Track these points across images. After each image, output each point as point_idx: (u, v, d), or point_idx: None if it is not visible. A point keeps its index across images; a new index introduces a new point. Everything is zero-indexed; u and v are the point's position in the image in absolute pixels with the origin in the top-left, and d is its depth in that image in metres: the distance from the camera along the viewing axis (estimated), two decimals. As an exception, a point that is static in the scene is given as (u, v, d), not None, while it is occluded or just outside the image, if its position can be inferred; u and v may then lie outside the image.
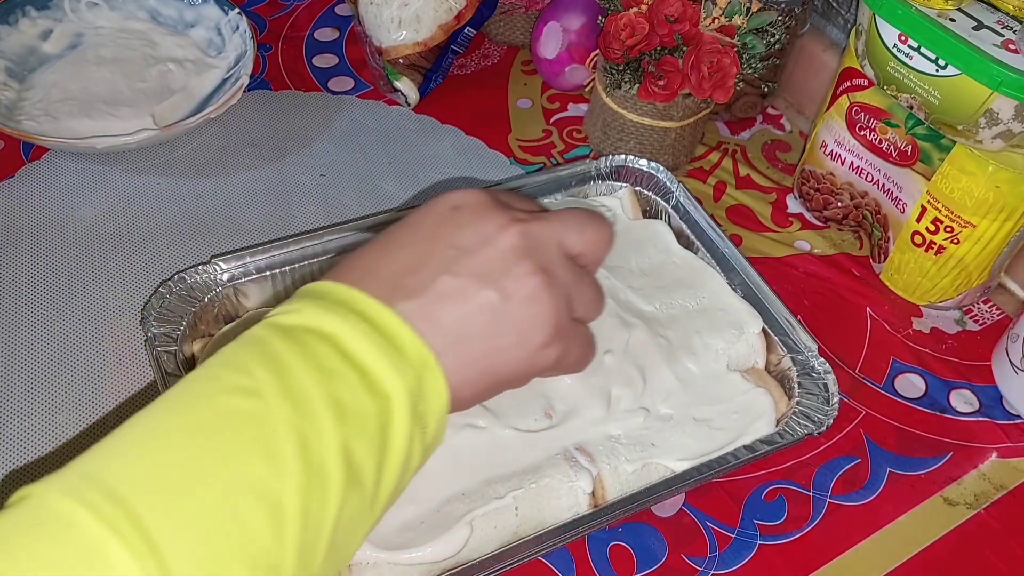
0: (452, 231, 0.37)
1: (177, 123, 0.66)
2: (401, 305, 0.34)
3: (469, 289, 0.35)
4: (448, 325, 0.35)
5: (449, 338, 0.35)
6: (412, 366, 0.33)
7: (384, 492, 0.33)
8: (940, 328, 0.65)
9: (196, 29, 0.76)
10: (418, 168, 0.71)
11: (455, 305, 0.35)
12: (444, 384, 0.34)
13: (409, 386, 0.33)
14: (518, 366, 0.37)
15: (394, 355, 0.33)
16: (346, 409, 0.31)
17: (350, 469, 0.31)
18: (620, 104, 0.69)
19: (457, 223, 0.37)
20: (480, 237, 0.36)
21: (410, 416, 0.33)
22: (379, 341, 0.33)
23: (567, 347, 0.38)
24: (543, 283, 0.36)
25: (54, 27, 0.73)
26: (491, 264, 0.36)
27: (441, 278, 0.35)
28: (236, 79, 0.70)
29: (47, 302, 0.59)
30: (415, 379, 0.33)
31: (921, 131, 0.60)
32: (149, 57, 0.74)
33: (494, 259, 0.36)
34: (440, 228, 0.37)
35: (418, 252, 0.36)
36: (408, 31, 0.73)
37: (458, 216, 0.37)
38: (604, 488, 0.49)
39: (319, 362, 0.32)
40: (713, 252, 0.61)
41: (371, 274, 0.36)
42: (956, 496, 0.55)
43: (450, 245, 0.36)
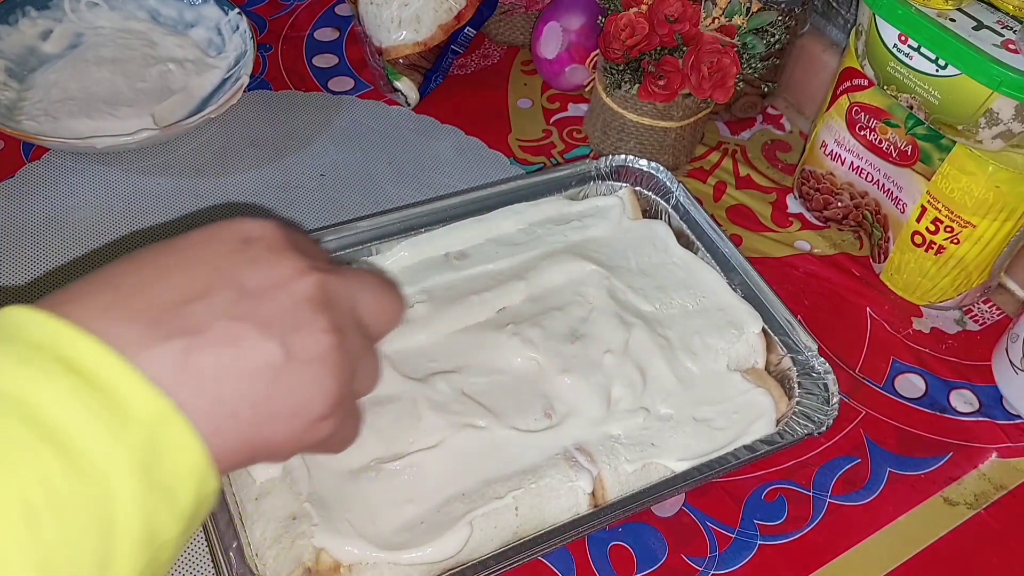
0: (240, 266, 0.31)
1: (177, 123, 0.66)
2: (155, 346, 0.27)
3: (249, 339, 0.29)
4: (213, 379, 0.28)
5: (211, 395, 0.28)
6: (140, 425, 0.26)
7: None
8: (940, 328, 0.65)
9: (196, 29, 0.76)
10: (418, 168, 0.71)
11: (228, 356, 0.29)
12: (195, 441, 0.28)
13: (135, 454, 0.26)
14: (287, 438, 0.31)
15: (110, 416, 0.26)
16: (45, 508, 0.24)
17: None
18: (620, 104, 0.69)
19: (248, 257, 0.31)
20: (274, 279, 0.31)
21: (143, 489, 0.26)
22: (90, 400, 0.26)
23: (343, 422, 0.33)
24: (336, 344, 0.31)
25: (54, 27, 0.73)
26: (281, 312, 0.30)
27: (218, 321, 0.29)
28: (236, 79, 0.70)
29: (47, 302, 0.59)
30: (144, 442, 0.26)
31: (921, 131, 0.60)
32: (149, 57, 0.74)
33: (286, 307, 0.30)
34: (226, 259, 0.31)
35: (193, 283, 0.30)
36: (408, 31, 0.73)
37: (249, 249, 0.31)
38: (604, 488, 0.49)
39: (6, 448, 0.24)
40: (713, 252, 0.61)
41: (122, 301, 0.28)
42: (956, 496, 0.55)
43: (235, 283, 0.30)
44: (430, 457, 0.49)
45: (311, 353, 0.30)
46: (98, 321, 0.27)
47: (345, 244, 0.58)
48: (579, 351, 0.54)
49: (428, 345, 0.54)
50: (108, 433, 0.26)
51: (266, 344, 0.29)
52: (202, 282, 0.30)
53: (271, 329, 0.30)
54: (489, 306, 0.57)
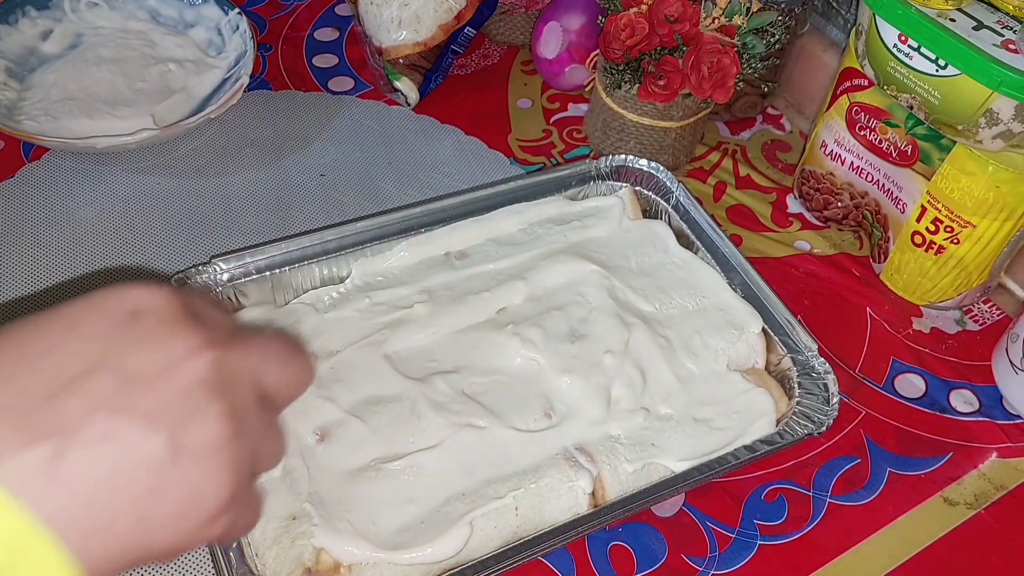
0: (124, 346, 0.27)
1: (177, 123, 0.66)
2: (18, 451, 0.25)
3: (130, 435, 0.26)
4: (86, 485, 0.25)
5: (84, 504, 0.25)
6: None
7: None
8: (940, 328, 0.65)
9: (196, 29, 0.76)
10: (418, 168, 0.71)
11: (105, 457, 0.25)
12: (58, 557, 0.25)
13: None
14: (173, 540, 0.28)
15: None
16: None
17: None
18: (620, 104, 0.69)
19: (133, 335, 0.27)
20: (162, 361, 0.27)
21: None
22: None
23: (239, 514, 0.29)
24: (231, 434, 0.28)
25: (54, 27, 0.73)
26: (170, 401, 0.27)
27: (95, 415, 0.25)
28: (236, 79, 0.70)
29: (47, 302, 0.59)
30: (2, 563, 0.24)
31: (921, 131, 0.60)
32: (149, 57, 0.74)
33: (175, 394, 0.27)
34: (108, 338, 0.27)
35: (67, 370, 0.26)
36: (408, 31, 0.73)
37: (136, 325, 0.28)
38: (604, 488, 0.49)
39: None
40: (713, 252, 0.61)
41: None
42: (956, 496, 0.55)
43: (117, 366, 0.26)
44: (430, 457, 0.49)
45: (203, 446, 0.27)
46: None
47: (345, 244, 0.58)
48: (579, 351, 0.54)
49: (428, 345, 0.54)
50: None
51: (150, 440, 0.26)
52: (78, 368, 0.26)
53: (157, 422, 0.26)
54: (489, 306, 0.57)
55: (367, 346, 0.54)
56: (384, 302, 0.56)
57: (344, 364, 0.53)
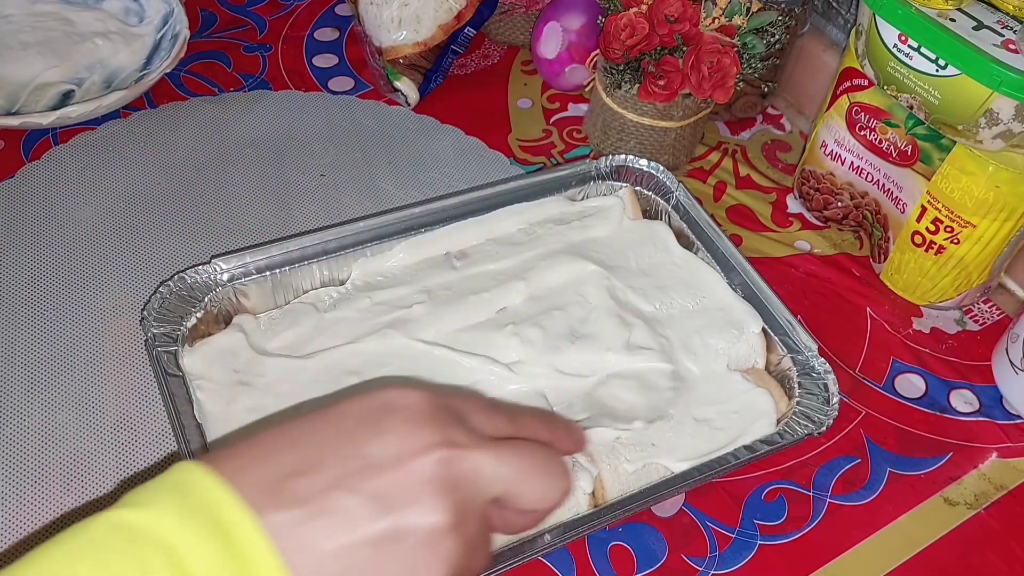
0: (369, 436, 0.31)
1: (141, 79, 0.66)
2: (275, 515, 0.28)
3: (360, 515, 0.29)
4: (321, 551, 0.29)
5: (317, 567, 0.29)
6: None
7: None
8: (940, 328, 0.65)
9: (108, 1, 0.76)
10: (418, 168, 0.71)
11: (336, 529, 0.29)
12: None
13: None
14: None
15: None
16: None
17: None
18: (620, 104, 0.69)
19: (379, 428, 0.31)
20: (396, 452, 0.30)
21: None
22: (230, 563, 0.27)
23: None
24: (447, 528, 0.30)
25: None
26: (397, 487, 0.30)
27: (333, 492, 0.29)
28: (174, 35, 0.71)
29: (47, 302, 0.59)
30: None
31: (921, 131, 0.60)
32: (72, 35, 0.74)
33: (403, 484, 0.30)
34: (359, 429, 0.31)
35: (321, 450, 0.30)
36: (408, 31, 0.73)
37: (386, 420, 0.31)
38: (604, 488, 0.49)
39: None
40: (713, 252, 0.61)
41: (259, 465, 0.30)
42: (956, 496, 0.55)
43: (359, 452, 0.30)
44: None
45: (422, 535, 0.30)
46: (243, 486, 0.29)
47: (345, 244, 0.58)
48: (579, 351, 0.54)
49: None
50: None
51: (377, 523, 0.29)
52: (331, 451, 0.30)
53: (385, 506, 0.29)
54: (489, 306, 0.57)
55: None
56: (384, 302, 0.56)
57: (344, 364, 0.53)
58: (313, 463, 0.30)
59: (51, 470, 0.51)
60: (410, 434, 0.31)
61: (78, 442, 0.52)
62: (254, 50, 0.80)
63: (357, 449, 0.30)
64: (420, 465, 0.30)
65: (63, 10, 0.76)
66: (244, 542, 0.28)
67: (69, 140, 0.69)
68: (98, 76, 0.73)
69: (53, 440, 0.52)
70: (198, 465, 0.30)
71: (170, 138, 0.71)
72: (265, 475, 0.30)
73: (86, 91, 0.72)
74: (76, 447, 0.52)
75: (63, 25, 0.74)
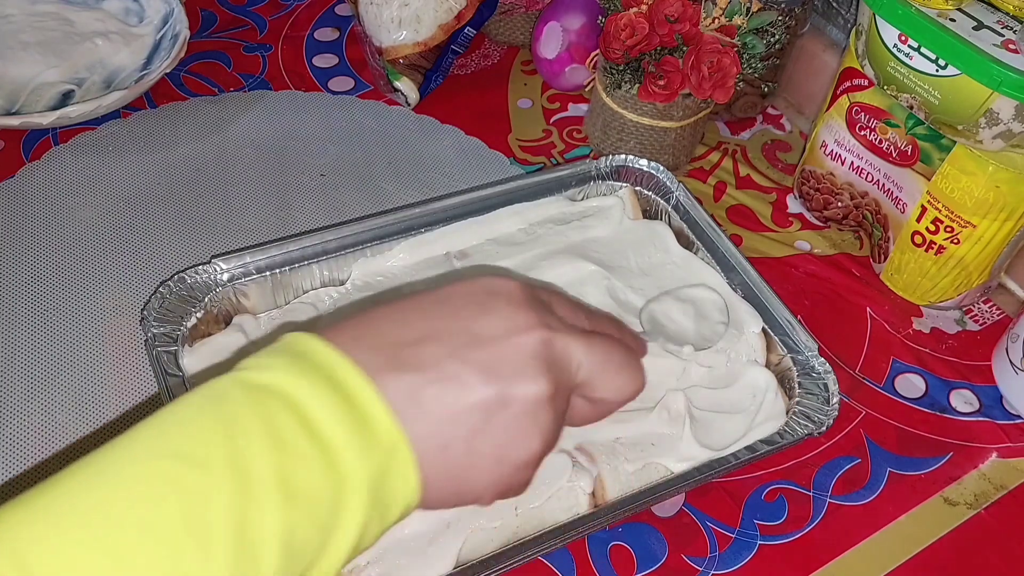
0: (476, 314, 0.34)
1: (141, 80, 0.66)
2: (390, 377, 0.31)
3: (470, 381, 0.32)
4: (434, 414, 0.31)
5: (431, 429, 0.31)
6: (380, 447, 0.30)
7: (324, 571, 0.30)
8: (940, 328, 0.65)
9: (108, 1, 0.76)
10: (418, 168, 0.71)
11: (449, 394, 0.32)
12: (414, 472, 0.31)
13: (372, 470, 0.30)
14: (488, 483, 0.33)
15: (362, 434, 0.30)
16: (296, 490, 0.28)
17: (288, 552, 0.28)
18: (620, 104, 0.69)
19: (484, 308, 0.34)
20: (502, 329, 0.33)
21: (368, 502, 0.30)
22: (349, 416, 0.30)
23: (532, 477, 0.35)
24: (547, 400, 0.33)
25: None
26: (503, 360, 0.33)
27: (445, 361, 0.32)
28: (174, 35, 0.71)
29: (47, 302, 0.59)
30: (381, 463, 0.30)
31: (921, 131, 0.60)
32: (72, 35, 0.74)
33: (508, 356, 0.33)
34: (465, 308, 0.34)
35: (431, 326, 0.33)
36: (408, 31, 0.73)
37: (489, 302, 0.34)
38: (604, 488, 0.49)
39: (278, 433, 0.29)
40: (713, 252, 0.61)
41: (372, 338, 0.32)
42: (956, 496, 0.55)
43: (467, 328, 0.33)
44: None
45: (524, 404, 0.32)
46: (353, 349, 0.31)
47: (345, 244, 0.58)
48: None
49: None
50: (358, 449, 0.29)
51: (485, 388, 0.32)
52: (441, 326, 0.33)
53: (493, 375, 0.32)
54: (489, 306, 0.56)
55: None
56: (384, 302, 0.56)
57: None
58: (426, 336, 0.32)
59: (51, 470, 0.51)
60: (514, 315, 0.34)
61: (77, 443, 0.52)
62: (254, 50, 0.80)
63: (465, 326, 0.33)
64: (524, 341, 0.33)
65: (63, 10, 0.76)
66: (361, 400, 0.30)
67: (69, 140, 0.69)
68: (98, 76, 0.73)
69: (53, 440, 0.52)
70: (309, 335, 0.32)
71: (170, 138, 0.71)
72: (378, 344, 0.32)
73: (86, 91, 0.72)
74: (76, 447, 0.52)
75: (63, 25, 0.74)
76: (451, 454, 0.32)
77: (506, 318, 0.34)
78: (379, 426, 0.30)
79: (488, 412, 0.32)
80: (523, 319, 0.34)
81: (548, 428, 0.34)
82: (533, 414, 0.33)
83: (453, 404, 0.32)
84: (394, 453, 0.30)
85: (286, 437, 0.29)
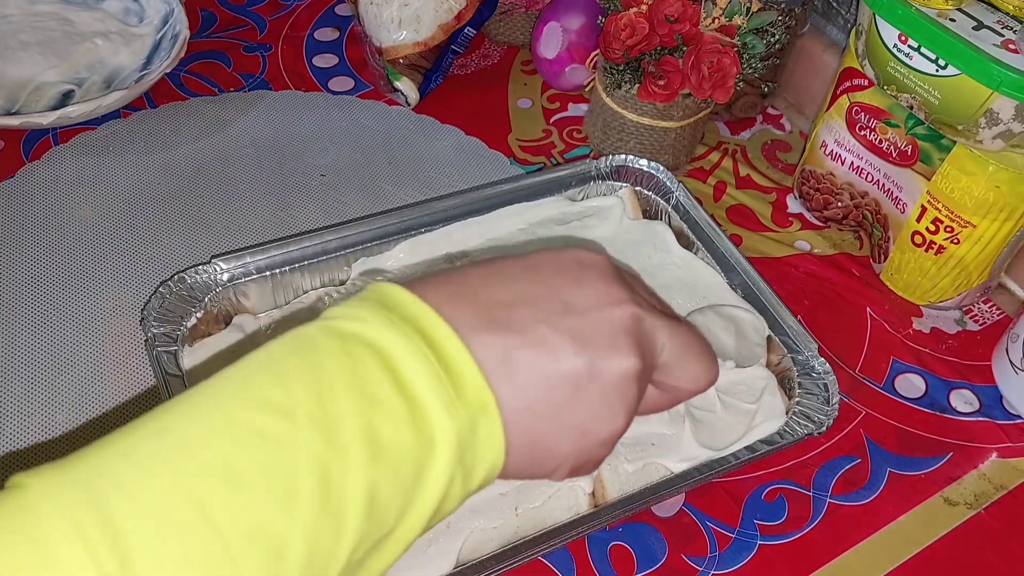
0: (568, 284, 0.33)
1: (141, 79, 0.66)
2: (482, 337, 0.30)
3: (562, 350, 0.31)
4: (524, 378, 0.31)
5: (519, 392, 0.30)
6: (468, 407, 0.29)
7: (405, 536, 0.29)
8: (940, 328, 0.65)
9: (108, 1, 0.76)
10: (418, 168, 0.71)
11: (540, 359, 0.31)
12: (501, 435, 0.30)
13: (459, 429, 0.29)
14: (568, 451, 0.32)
15: (450, 391, 0.29)
16: (382, 445, 0.28)
17: (371, 511, 0.27)
18: (620, 104, 0.69)
19: (576, 279, 0.33)
20: (594, 301, 0.33)
21: (454, 462, 0.29)
22: (437, 372, 0.29)
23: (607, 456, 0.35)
24: (637, 375, 0.32)
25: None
26: (595, 331, 0.32)
27: (538, 326, 0.31)
28: (174, 35, 0.71)
29: (47, 302, 0.59)
30: (468, 423, 0.29)
31: (921, 131, 0.60)
32: (72, 35, 0.74)
33: (600, 327, 0.32)
34: (557, 277, 0.33)
35: (524, 291, 0.32)
36: (408, 31, 0.73)
37: (581, 273, 0.34)
38: (604, 488, 0.49)
39: (365, 386, 0.28)
40: (713, 252, 0.61)
41: (464, 295, 0.32)
42: (956, 496, 0.55)
43: (561, 297, 0.32)
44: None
45: (613, 378, 0.32)
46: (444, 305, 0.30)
47: (345, 244, 0.58)
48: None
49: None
50: (445, 406, 0.29)
51: (576, 358, 0.31)
52: (533, 292, 0.32)
53: (584, 346, 0.31)
54: (489, 306, 0.56)
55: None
56: (384, 302, 0.56)
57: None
58: (518, 299, 0.32)
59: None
60: (607, 288, 0.33)
61: (77, 442, 0.52)
62: (254, 50, 0.80)
63: (557, 294, 0.32)
64: (616, 315, 0.32)
65: (63, 10, 0.76)
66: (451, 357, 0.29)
67: (69, 140, 0.69)
68: (98, 76, 0.73)
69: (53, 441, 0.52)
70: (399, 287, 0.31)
71: (170, 138, 0.71)
72: (470, 303, 0.31)
73: (86, 91, 0.72)
74: (76, 447, 0.52)
75: (63, 25, 0.74)
76: (538, 421, 0.31)
77: (599, 291, 0.33)
78: (469, 385, 0.29)
79: (577, 383, 0.31)
80: (616, 293, 0.33)
81: (633, 406, 0.33)
82: (621, 390, 0.32)
83: (544, 370, 0.31)
84: (483, 414, 0.30)
85: (374, 390, 0.28)
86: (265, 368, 0.29)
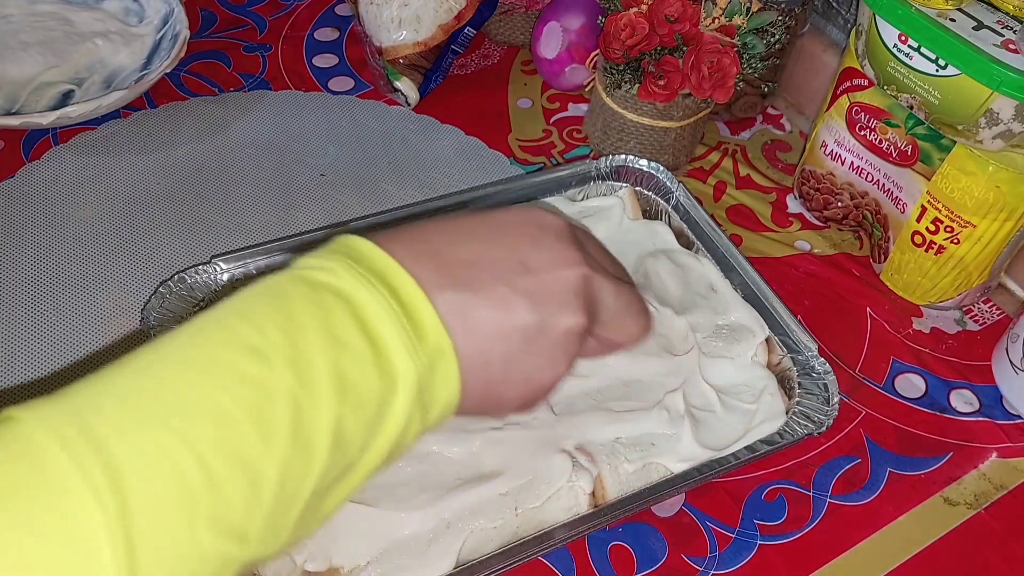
0: (527, 245, 0.36)
1: (141, 79, 0.66)
2: (443, 293, 0.33)
3: (517, 307, 0.34)
4: (481, 331, 0.34)
5: (475, 341, 0.34)
6: (427, 352, 0.32)
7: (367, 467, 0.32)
8: (940, 328, 0.65)
9: (108, 1, 0.76)
10: (418, 168, 0.71)
11: (497, 315, 0.34)
12: (456, 375, 0.33)
13: (419, 371, 0.32)
14: (513, 400, 0.36)
15: (412, 337, 0.32)
16: (348, 385, 0.30)
17: (337, 444, 0.30)
18: (620, 104, 0.69)
19: (535, 241, 0.36)
20: (550, 262, 0.36)
21: (413, 401, 0.32)
22: (400, 320, 0.32)
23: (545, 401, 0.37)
24: (579, 333, 0.36)
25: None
26: (548, 290, 0.35)
27: (496, 285, 0.34)
28: (174, 35, 0.71)
29: (47, 302, 0.59)
30: (427, 365, 0.32)
31: (921, 131, 0.60)
32: (72, 35, 0.74)
33: (553, 287, 0.35)
34: (517, 238, 0.36)
35: (485, 251, 0.35)
36: (408, 31, 0.73)
37: (540, 235, 0.37)
38: (604, 488, 0.49)
39: (334, 331, 0.31)
40: (713, 252, 0.61)
41: (429, 254, 0.34)
42: (956, 496, 0.55)
43: (520, 258, 0.35)
44: (431, 457, 0.49)
45: (560, 333, 0.35)
46: (409, 262, 0.33)
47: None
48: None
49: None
50: (407, 349, 0.31)
51: (528, 315, 0.34)
52: (494, 253, 0.35)
53: (537, 304, 0.35)
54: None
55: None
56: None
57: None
58: (479, 259, 0.35)
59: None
60: (563, 250, 0.36)
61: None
62: (254, 50, 0.80)
63: (516, 255, 0.35)
64: (568, 276, 0.36)
65: (63, 10, 0.76)
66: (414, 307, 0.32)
67: (69, 140, 0.69)
68: (98, 76, 0.73)
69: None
70: (366, 240, 0.34)
71: (170, 138, 0.71)
72: (438, 260, 0.34)
73: (86, 91, 0.72)
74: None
75: (63, 25, 0.75)
76: (490, 369, 0.34)
77: (555, 253, 0.36)
78: (429, 332, 0.32)
79: (528, 336, 0.34)
80: (570, 255, 0.36)
81: (574, 356, 0.36)
82: (567, 343, 0.35)
83: (499, 324, 0.34)
84: (440, 358, 0.32)
85: (342, 335, 0.31)
86: (241, 314, 0.31)
